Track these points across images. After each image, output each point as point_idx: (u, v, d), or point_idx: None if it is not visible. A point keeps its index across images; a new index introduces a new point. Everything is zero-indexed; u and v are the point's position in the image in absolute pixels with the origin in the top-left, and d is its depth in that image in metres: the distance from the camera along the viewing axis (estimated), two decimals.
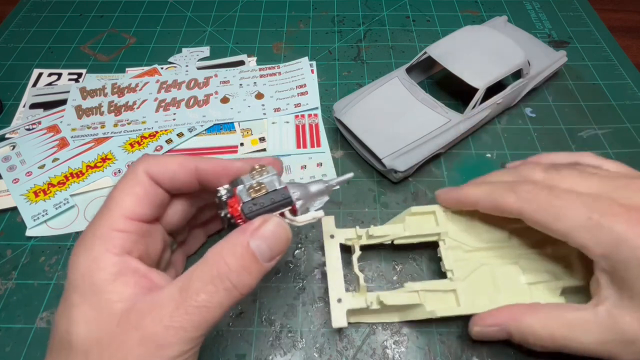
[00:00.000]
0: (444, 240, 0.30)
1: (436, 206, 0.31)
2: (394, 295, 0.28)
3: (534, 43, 0.45)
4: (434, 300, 0.28)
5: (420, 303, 0.28)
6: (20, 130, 0.42)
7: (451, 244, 0.30)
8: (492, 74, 0.37)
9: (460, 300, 0.28)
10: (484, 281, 0.29)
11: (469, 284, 0.28)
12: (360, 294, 0.28)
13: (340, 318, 0.27)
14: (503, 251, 0.30)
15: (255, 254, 0.21)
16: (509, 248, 0.30)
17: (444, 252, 0.30)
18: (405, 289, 0.28)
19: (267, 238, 0.21)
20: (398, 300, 0.28)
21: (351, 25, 0.53)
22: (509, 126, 0.42)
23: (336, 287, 0.28)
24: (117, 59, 0.49)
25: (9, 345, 0.30)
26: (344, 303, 0.28)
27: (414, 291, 0.28)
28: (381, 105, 0.39)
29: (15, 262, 0.34)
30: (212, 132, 0.42)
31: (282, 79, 0.46)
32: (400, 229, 0.30)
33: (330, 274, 0.29)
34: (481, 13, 0.54)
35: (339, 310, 0.27)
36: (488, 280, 0.29)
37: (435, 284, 0.29)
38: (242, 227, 0.22)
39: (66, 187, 0.37)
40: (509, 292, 0.28)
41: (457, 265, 0.29)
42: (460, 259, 0.30)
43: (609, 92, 0.45)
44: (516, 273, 0.29)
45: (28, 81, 0.46)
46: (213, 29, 0.52)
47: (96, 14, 0.54)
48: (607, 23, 0.53)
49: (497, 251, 0.30)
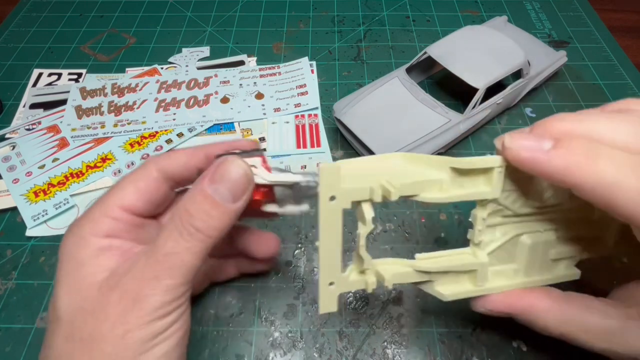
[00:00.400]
0: (486, 205, 0.22)
1: (496, 159, 0.21)
2: (401, 274, 0.23)
3: (534, 43, 0.45)
4: (446, 280, 0.24)
5: (428, 280, 0.23)
6: (20, 130, 0.42)
7: (494, 209, 0.22)
8: (492, 74, 0.37)
9: (478, 280, 0.23)
10: (511, 253, 0.24)
11: (492, 258, 0.23)
12: (358, 274, 0.23)
13: (329, 303, 0.23)
14: (548, 215, 0.23)
15: (214, 197, 0.21)
16: (555, 211, 0.23)
17: (480, 220, 0.22)
18: (415, 263, 0.23)
19: (224, 179, 0.21)
20: (405, 279, 0.23)
21: (351, 25, 0.53)
22: (509, 126, 0.42)
23: (330, 268, 0.22)
24: (117, 59, 0.49)
25: (9, 345, 0.30)
26: (337, 286, 0.22)
27: (423, 271, 0.23)
28: (381, 105, 0.39)
29: (15, 262, 0.34)
30: (212, 132, 0.42)
31: (282, 79, 0.46)
32: (434, 190, 0.21)
33: (323, 250, 0.21)
34: (481, 13, 0.54)
35: (329, 294, 0.22)
36: (517, 252, 0.24)
37: (452, 259, 0.23)
38: (203, 173, 0.22)
39: (66, 187, 0.37)
40: (531, 268, 0.24)
41: (488, 233, 0.23)
42: (494, 224, 0.23)
43: (609, 92, 0.45)
44: (550, 245, 0.24)
45: (28, 81, 0.46)
46: (213, 29, 0.52)
47: (96, 14, 0.54)
48: (607, 23, 0.53)
49: (542, 215, 0.23)
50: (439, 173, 0.21)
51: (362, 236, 0.21)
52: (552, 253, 0.24)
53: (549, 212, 0.23)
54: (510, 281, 0.24)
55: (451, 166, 0.21)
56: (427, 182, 0.21)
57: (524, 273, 0.24)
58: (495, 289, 0.24)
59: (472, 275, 0.24)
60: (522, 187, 0.22)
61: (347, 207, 0.21)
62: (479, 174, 0.21)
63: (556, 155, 0.18)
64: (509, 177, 0.21)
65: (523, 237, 0.24)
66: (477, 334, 0.29)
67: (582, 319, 0.22)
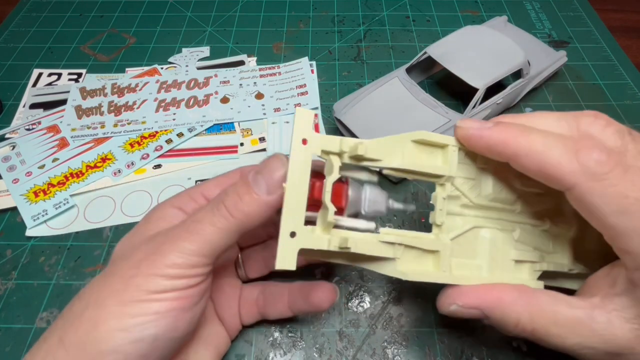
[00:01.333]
0: (445, 186, 0.24)
1: (452, 139, 0.24)
2: (366, 242, 0.22)
3: (534, 43, 0.45)
4: (409, 259, 0.23)
5: (393, 258, 0.23)
6: (20, 130, 0.42)
7: (451, 192, 0.24)
8: (492, 74, 0.37)
9: (442, 265, 0.23)
10: (470, 246, 0.24)
11: (455, 246, 0.24)
12: (323, 231, 0.22)
13: (287, 257, 0.21)
14: (503, 214, 0.25)
15: (249, 182, 0.22)
16: (510, 212, 0.25)
17: (440, 200, 0.24)
18: (379, 235, 0.23)
19: (264, 171, 0.22)
20: (369, 249, 0.22)
21: (351, 25, 0.53)
22: None
23: (293, 215, 0.21)
24: (117, 59, 0.49)
25: (9, 345, 0.30)
26: (298, 239, 0.21)
27: (388, 243, 0.23)
28: (381, 105, 0.39)
29: (15, 262, 0.34)
30: (212, 132, 0.42)
31: (282, 79, 0.46)
32: (397, 157, 0.23)
33: (289, 194, 0.21)
34: (481, 13, 0.54)
35: (289, 247, 0.21)
36: (475, 246, 0.24)
37: (416, 239, 0.23)
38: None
39: (66, 187, 0.37)
40: (494, 265, 0.24)
41: (449, 220, 0.24)
42: (455, 212, 0.24)
43: (609, 92, 0.45)
44: (509, 245, 0.25)
45: (28, 81, 0.46)
46: (213, 29, 0.52)
47: (96, 14, 0.54)
48: (607, 23, 0.53)
49: (497, 212, 0.25)
50: (403, 145, 0.23)
51: (328, 183, 0.21)
52: (513, 254, 0.25)
53: (505, 211, 0.25)
54: (475, 275, 0.24)
55: (412, 139, 0.23)
56: (391, 150, 0.23)
57: (488, 270, 0.24)
58: (459, 279, 0.23)
59: (436, 259, 0.24)
60: (474, 176, 0.24)
61: (317, 153, 0.22)
62: (437, 151, 0.24)
63: (496, 129, 0.22)
64: (465, 164, 0.24)
65: (483, 230, 0.25)
66: (477, 334, 0.29)
67: (551, 309, 0.22)
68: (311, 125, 0.21)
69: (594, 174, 0.19)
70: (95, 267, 0.33)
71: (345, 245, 0.21)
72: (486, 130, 0.22)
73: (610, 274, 0.22)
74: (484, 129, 0.22)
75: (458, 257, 0.24)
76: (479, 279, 0.24)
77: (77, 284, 0.32)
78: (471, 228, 0.24)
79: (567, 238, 0.26)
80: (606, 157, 0.19)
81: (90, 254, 0.34)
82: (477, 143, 0.22)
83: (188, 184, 0.38)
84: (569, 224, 0.26)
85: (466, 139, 0.23)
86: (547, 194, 0.23)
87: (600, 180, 0.19)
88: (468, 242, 0.24)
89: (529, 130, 0.21)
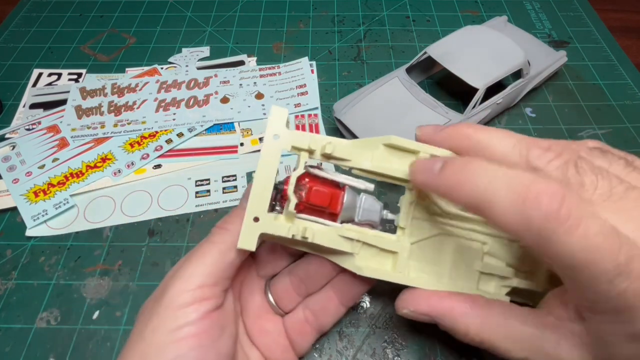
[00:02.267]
0: (413, 191, 0.24)
1: (424, 146, 0.24)
2: (326, 234, 0.23)
3: (534, 43, 0.45)
4: (368, 256, 0.24)
5: (351, 252, 0.24)
6: (20, 130, 0.42)
7: (421, 197, 0.24)
8: (492, 74, 0.37)
9: (398, 266, 0.24)
10: (434, 252, 0.25)
11: (417, 250, 0.24)
12: (286, 220, 0.23)
13: (248, 239, 0.22)
14: (475, 225, 0.25)
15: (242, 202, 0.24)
16: (483, 224, 0.25)
17: (406, 204, 0.24)
18: (341, 229, 0.23)
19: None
20: (328, 241, 0.23)
21: (351, 25, 0.53)
22: (509, 126, 0.42)
23: (258, 202, 0.22)
24: (117, 59, 0.49)
25: (9, 345, 0.30)
26: (261, 224, 0.22)
27: (348, 239, 0.23)
28: (381, 105, 0.39)
29: (15, 262, 0.34)
30: (212, 132, 0.42)
31: (282, 79, 0.46)
32: (366, 159, 0.24)
33: (257, 182, 0.22)
34: (481, 13, 0.54)
35: (252, 230, 0.22)
36: (440, 253, 0.25)
37: (377, 238, 0.24)
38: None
39: (66, 187, 0.37)
40: (456, 274, 0.24)
41: (415, 225, 0.25)
42: (421, 218, 0.25)
43: (609, 92, 0.45)
44: (475, 255, 0.24)
45: (28, 81, 0.46)
46: (213, 29, 0.52)
47: (96, 14, 0.54)
48: (607, 23, 0.53)
49: (469, 223, 0.25)
50: (373, 148, 0.24)
51: (293, 176, 0.22)
52: (477, 264, 0.24)
53: (477, 223, 0.25)
54: (433, 281, 0.24)
55: (383, 143, 0.24)
56: (361, 151, 0.24)
57: (449, 277, 0.24)
58: (415, 282, 0.24)
59: (394, 261, 0.24)
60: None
61: (287, 149, 0.23)
62: (409, 156, 0.24)
63: (442, 177, 0.20)
64: None
65: (449, 238, 0.25)
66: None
67: (502, 324, 0.22)
68: (284, 123, 0.23)
69: (541, 230, 0.17)
70: (95, 267, 0.33)
71: (304, 235, 0.22)
72: (434, 179, 0.20)
73: (564, 297, 0.22)
74: (431, 178, 0.21)
75: (419, 261, 0.25)
76: (437, 284, 0.24)
77: (77, 284, 0.32)
78: (436, 234, 0.25)
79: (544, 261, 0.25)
80: (557, 206, 0.17)
81: (90, 254, 0.34)
82: (431, 190, 0.22)
83: (188, 184, 0.38)
84: None
85: (420, 186, 0.22)
86: None
87: (547, 238, 0.17)
88: (432, 248, 0.25)
89: (475, 172, 0.19)
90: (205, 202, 0.37)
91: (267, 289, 0.27)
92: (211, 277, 0.21)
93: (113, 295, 0.32)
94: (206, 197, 0.37)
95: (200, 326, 0.20)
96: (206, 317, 0.21)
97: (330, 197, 0.23)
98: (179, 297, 0.20)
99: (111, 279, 0.32)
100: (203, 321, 0.20)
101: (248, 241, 0.22)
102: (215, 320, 0.21)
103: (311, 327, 0.26)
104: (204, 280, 0.21)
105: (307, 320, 0.26)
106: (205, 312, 0.21)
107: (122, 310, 0.31)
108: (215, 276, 0.22)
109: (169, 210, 0.36)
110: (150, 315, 0.21)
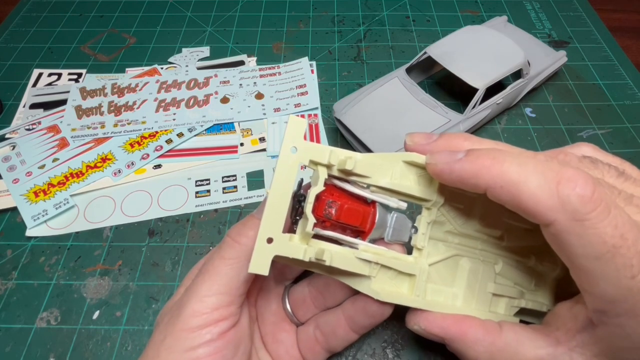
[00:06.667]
0: (431, 210, 0.23)
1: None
2: (342, 256, 0.22)
3: (534, 43, 0.45)
4: (385, 278, 0.23)
5: (368, 276, 0.23)
6: (20, 130, 0.42)
7: (437, 218, 0.24)
8: (492, 74, 0.37)
9: (416, 289, 0.23)
10: (449, 274, 0.24)
11: (434, 272, 0.24)
12: (301, 240, 0.21)
13: (260, 262, 0.20)
14: (488, 245, 0.25)
15: (253, 215, 0.23)
16: (495, 245, 0.25)
17: (424, 224, 0.23)
18: (357, 252, 0.22)
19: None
20: (344, 264, 0.22)
21: (351, 25, 0.53)
22: (509, 126, 0.42)
23: (273, 221, 0.20)
24: (117, 59, 0.49)
25: (9, 345, 0.30)
26: (275, 246, 0.20)
27: (365, 260, 0.22)
28: (381, 105, 0.39)
29: (15, 262, 0.34)
30: (212, 132, 0.42)
31: (282, 79, 0.46)
32: (386, 176, 0.22)
33: (272, 200, 0.20)
34: (481, 13, 0.54)
35: (264, 253, 0.20)
36: (455, 274, 0.24)
37: (394, 260, 0.23)
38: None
39: (66, 187, 0.37)
40: (470, 295, 0.24)
41: (432, 245, 0.24)
42: (438, 238, 0.24)
43: (609, 92, 0.45)
44: (489, 277, 0.25)
45: (28, 81, 0.46)
46: (213, 29, 0.52)
47: (96, 14, 0.54)
48: (607, 23, 0.53)
49: (482, 243, 0.25)
50: (393, 164, 0.22)
51: (311, 194, 0.21)
52: (490, 287, 0.24)
53: (490, 243, 0.25)
54: (449, 304, 0.24)
55: (403, 160, 0.22)
56: (381, 167, 0.22)
57: (463, 299, 0.24)
58: (432, 305, 0.23)
59: (411, 283, 0.24)
60: (463, 205, 0.24)
61: (304, 163, 0.21)
62: (427, 174, 0.22)
63: (467, 161, 0.20)
64: (455, 191, 0.23)
65: (464, 259, 0.24)
66: None
67: (514, 351, 0.22)
68: (302, 134, 0.21)
69: (575, 212, 0.17)
70: (95, 267, 0.33)
71: (321, 257, 0.21)
72: (456, 163, 0.20)
73: (574, 309, 0.22)
74: (453, 162, 0.20)
75: (435, 283, 0.24)
76: (451, 307, 0.24)
77: (77, 284, 0.32)
78: (452, 255, 0.24)
79: (551, 277, 0.26)
80: (591, 191, 0.17)
81: (90, 254, 0.34)
82: (449, 177, 0.20)
83: (188, 184, 0.38)
84: (554, 263, 0.25)
85: (437, 174, 0.21)
86: (536, 231, 0.21)
87: (581, 220, 0.17)
88: (447, 269, 0.24)
89: (503, 157, 0.19)
90: (206, 202, 0.37)
91: (285, 297, 0.27)
92: (226, 296, 0.21)
93: (113, 295, 0.32)
94: (206, 197, 0.37)
95: (215, 346, 0.20)
96: (221, 338, 0.21)
97: (363, 215, 0.22)
98: (193, 320, 0.20)
99: (111, 279, 0.33)
100: (218, 342, 0.20)
101: (260, 265, 0.20)
102: (231, 338, 0.21)
103: (321, 347, 0.26)
104: (218, 302, 0.21)
105: (316, 340, 0.26)
106: (220, 333, 0.21)
107: (122, 310, 0.31)
108: (230, 295, 0.21)
109: (169, 210, 0.36)
110: (165, 333, 0.20)
